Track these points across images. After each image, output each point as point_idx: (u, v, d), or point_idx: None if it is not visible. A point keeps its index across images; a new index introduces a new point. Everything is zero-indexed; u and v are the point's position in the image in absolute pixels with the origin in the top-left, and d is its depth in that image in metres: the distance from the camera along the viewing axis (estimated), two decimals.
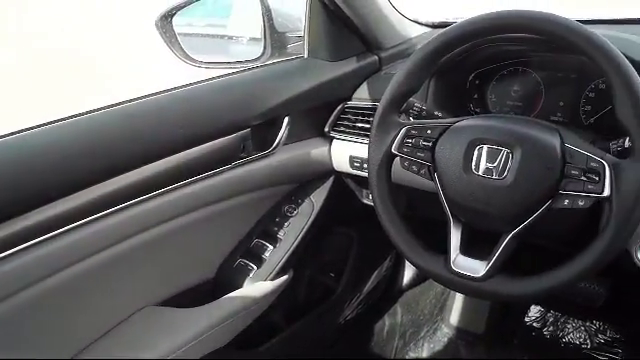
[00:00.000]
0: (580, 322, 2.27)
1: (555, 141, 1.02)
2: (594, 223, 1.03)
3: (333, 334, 2.02)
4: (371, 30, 1.56)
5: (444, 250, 1.13)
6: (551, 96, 1.40)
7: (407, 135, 1.14)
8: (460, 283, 1.09)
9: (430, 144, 1.12)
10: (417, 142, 1.13)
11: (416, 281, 2.36)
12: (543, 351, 2.23)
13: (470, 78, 1.48)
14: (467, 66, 1.44)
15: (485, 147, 1.06)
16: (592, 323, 2.24)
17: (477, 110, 1.49)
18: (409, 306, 2.34)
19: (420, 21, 1.74)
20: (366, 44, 1.60)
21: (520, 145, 1.03)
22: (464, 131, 1.09)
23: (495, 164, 1.04)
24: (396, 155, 1.16)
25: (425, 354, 2.27)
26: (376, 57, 1.61)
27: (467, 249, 1.11)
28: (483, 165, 1.05)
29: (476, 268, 1.07)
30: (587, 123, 1.35)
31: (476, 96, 1.48)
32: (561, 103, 1.38)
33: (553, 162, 1.00)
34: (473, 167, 1.06)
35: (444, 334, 2.34)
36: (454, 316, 2.37)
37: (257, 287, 1.54)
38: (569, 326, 2.29)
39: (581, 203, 0.98)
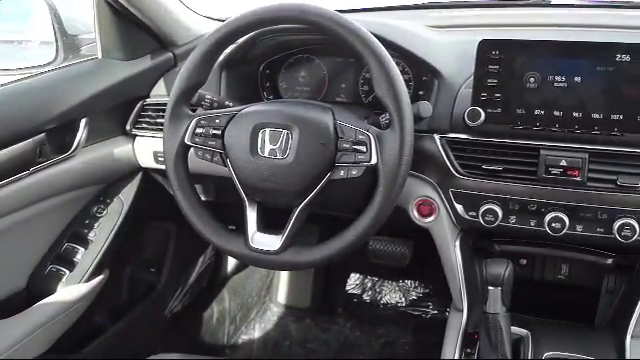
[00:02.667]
0: (394, 283, 2.49)
1: (328, 119, 1.14)
2: (373, 189, 1.15)
3: (161, 328, 2.05)
4: (162, 28, 1.60)
5: None
6: (334, 80, 1.53)
7: (198, 125, 1.20)
8: (258, 258, 1.18)
9: (219, 132, 1.19)
10: (207, 131, 1.19)
11: (241, 266, 2.45)
12: (365, 314, 2.42)
13: (261, 68, 1.57)
14: (256, 57, 1.53)
15: (268, 130, 1.15)
16: (404, 282, 2.47)
17: (270, 98, 1.58)
18: (236, 291, 2.43)
19: (213, 17, 1.80)
20: (159, 42, 1.64)
21: (297, 126, 1.13)
22: (248, 117, 1.18)
23: (278, 145, 1.14)
24: (190, 146, 1.22)
25: (257, 335, 2.36)
26: (171, 54, 1.65)
27: (264, 226, 1.21)
28: (267, 147, 1.15)
29: (272, 243, 1.17)
30: (367, 101, 1.49)
31: (268, 85, 1.58)
32: (343, 85, 1.52)
33: (327, 138, 1.12)
34: (259, 150, 1.15)
35: (273, 313, 2.46)
36: (281, 295, 2.49)
37: (71, 291, 1.53)
38: (385, 288, 2.49)
39: (354, 172, 1.11)
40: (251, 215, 1.20)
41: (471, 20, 1.63)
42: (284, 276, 2.51)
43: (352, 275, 2.53)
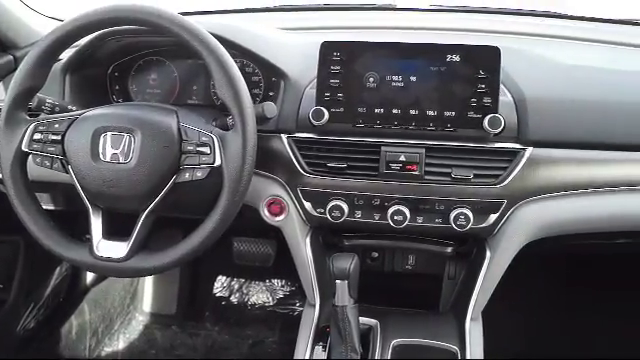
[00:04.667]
0: (261, 283, 2.51)
1: (172, 122, 1.13)
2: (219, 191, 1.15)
3: (12, 346, 1.94)
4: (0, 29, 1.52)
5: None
6: (186, 82, 1.52)
7: (36, 131, 1.16)
8: (104, 266, 1.16)
9: (59, 137, 1.15)
10: (46, 137, 1.15)
11: (102, 276, 2.36)
12: (233, 317, 2.42)
13: (109, 71, 1.53)
14: (102, 59, 1.48)
15: (109, 134, 1.13)
16: (271, 282, 2.49)
17: (120, 101, 1.54)
18: (97, 302, 2.34)
19: (58, 18, 1.73)
20: None
21: (139, 129, 1.12)
22: (88, 121, 1.15)
23: (120, 149, 1.12)
24: (28, 152, 1.17)
25: (121, 346, 2.30)
26: (11, 56, 1.57)
27: (111, 233, 1.18)
28: (109, 151, 1.12)
29: (118, 250, 1.15)
30: (219, 103, 1.49)
31: (118, 88, 1.53)
32: (195, 87, 1.51)
33: (170, 141, 1.11)
34: (100, 154, 1.13)
35: (139, 322, 2.41)
36: (146, 303, 2.45)
37: None
38: (252, 289, 2.51)
39: (199, 174, 1.11)
40: (96, 222, 1.18)
41: (319, 22, 1.68)
42: (149, 283, 2.46)
43: (219, 278, 2.53)
